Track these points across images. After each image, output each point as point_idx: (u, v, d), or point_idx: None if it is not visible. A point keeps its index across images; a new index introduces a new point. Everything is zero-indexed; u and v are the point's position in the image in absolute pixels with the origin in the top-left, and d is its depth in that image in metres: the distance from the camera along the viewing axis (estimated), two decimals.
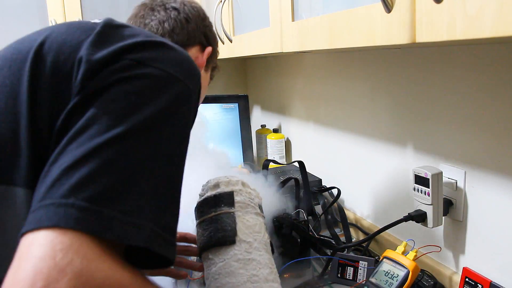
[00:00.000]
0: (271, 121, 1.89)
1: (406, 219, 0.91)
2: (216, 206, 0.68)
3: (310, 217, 1.18)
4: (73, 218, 0.39)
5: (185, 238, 0.85)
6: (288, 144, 1.74)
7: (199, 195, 0.73)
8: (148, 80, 0.48)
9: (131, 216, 0.42)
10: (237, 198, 0.69)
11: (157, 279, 0.58)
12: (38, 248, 0.37)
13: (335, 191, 1.26)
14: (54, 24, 1.56)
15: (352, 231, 1.24)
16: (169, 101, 0.49)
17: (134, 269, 0.44)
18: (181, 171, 0.51)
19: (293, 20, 0.88)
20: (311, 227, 1.09)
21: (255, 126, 1.90)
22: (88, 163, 0.42)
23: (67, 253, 0.37)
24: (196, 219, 0.71)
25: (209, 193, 0.70)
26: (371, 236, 0.97)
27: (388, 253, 0.89)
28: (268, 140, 1.73)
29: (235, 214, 0.67)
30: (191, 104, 0.52)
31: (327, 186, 1.33)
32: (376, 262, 0.94)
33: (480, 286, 0.81)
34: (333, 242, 1.13)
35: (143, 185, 0.44)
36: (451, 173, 0.89)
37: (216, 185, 0.70)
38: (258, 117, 2.06)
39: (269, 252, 0.68)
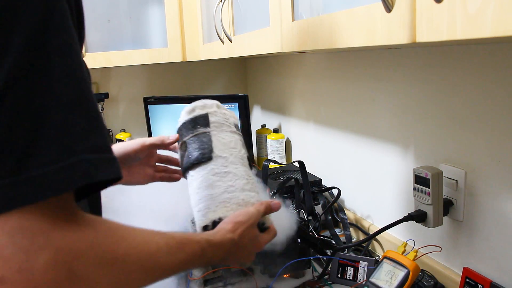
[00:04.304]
0: (271, 121, 1.89)
1: (406, 219, 0.91)
2: (193, 128, 0.74)
3: (310, 217, 1.18)
4: (7, 199, 0.36)
5: (169, 160, 0.88)
6: (288, 144, 1.74)
7: (178, 121, 0.77)
8: None
9: (56, 162, 0.38)
10: (212, 119, 0.74)
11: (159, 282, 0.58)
12: None
13: (335, 191, 1.26)
14: None
15: (352, 231, 1.24)
16: None
17: (91, 219, 0.42)
18: (76, 60, 0.43)
19: (293, 20, 0.88)
20: (311, 227, 1.10)
21: (255, 126, 1.90)
22: None
23: (23, 236, 0.36)
24: (177, 143, 0.78)
25: (186, 118, 0.75)
26: (371, 236, 0.97)
27: (389, 253, 0.89)
28: (268, 140, 1.73)
29: (211, 133, 0.73)
30: None
31: (327, 186, 1.33)
32: (376, 262, 0.94)
33: (480, 286, 0.81)
34: (333, 242, 1.13)
35: (51, 118, 0.38)
36: (451, 173, 0.89)
37: (192, 110, 0.75)
38: (258, 117, 2.06)
39: (245, 165, 0.74)
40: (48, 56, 0.39)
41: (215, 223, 0.67)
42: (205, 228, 0.68)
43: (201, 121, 0.73)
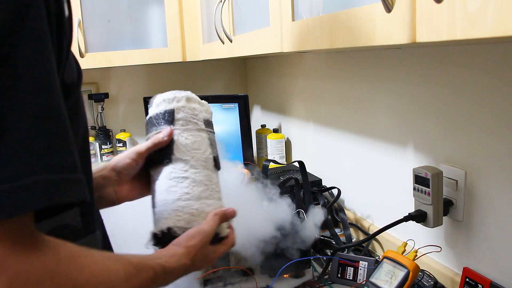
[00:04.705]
0: (271, 121, 1.89)
1: (406, 219, 0.91)
2: (157, 125, 0.69)
3: None
4: None
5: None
6: (288, 144, 1.74)
7: (149, 112, 0.74)
8: None
9: (12, 181, 0.35)
10: (178, 115, 0.69)
11: None
12: None
13: (335, 191, 1.26)
14: None
15: (352, 231, 1.24)
16: None
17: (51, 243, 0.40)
18: (47, 70, 0.39)
19: (293, 20, 0.88)
20: None
21: (255, 126, 1.90)
22: None
23: None
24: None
25: (153, 112, 0.71)
26: (371, 236, 0.97)
27: (389, 253, 0.89)
28: (268, 140, 1.73)
29: (174, 133, 0.68)
30: None
31: (327, 186, 1.33)
32: (376, 262, 0.94)
33: (480, 286, 0.81)
34: (333, 242, 1.13)
35: (12, 133, 0.36)
36: (451, 173, 0.89)
37: (160, 103, 0.71)
38: (258, 117, 2.06)
39: (208, 168, 0.69)
40: (14, 65, 0.36)
41: (164, 234, 0.64)
42: (155, 235, 0.65)
43: (166, 117, 0.69)
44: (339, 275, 0.97)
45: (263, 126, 1.86)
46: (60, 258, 0.40)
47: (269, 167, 1.34)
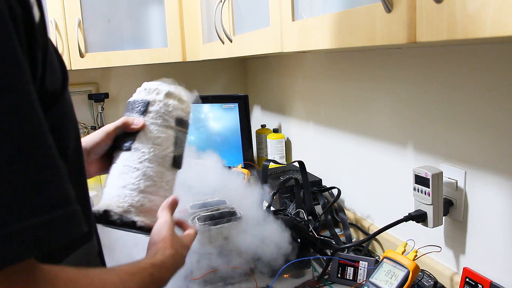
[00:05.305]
0: (271, 121, 1.89)
1: (406, 219, 0.91)
2: (131, 111, 0.72)
3: (310, 217, 1.18)
4: None
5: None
6: (288, 144, 1.74)
7: (133, 95, 0.77)
8: None
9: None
10: (151, 108, 0.71)
11: None
12: None
13: (335, 191, 1.26)
14: (53, 24, 1.56)
15: (352, 231, 1.24)
16: None
17: None
18: (22, 95, 0.35)
19: (293, 20, 0.88)
20: (311, 227, 1.10)
21: (255, 126, 1.90)
22: None
23: None
24: None
25: (133, 97, 0.74)
26: (371, 236, 0.97)
27: (388, 253, 0.89)
28: (268, 140, 1.73)
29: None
30: None
31: (327, 186, 1.33)
32: (376, 262, 0.94)
33: (480, 286, 0.81)
34: (333, 242, 1.13)
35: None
36: (451, 173, 0.89)
37: (142, 91, 0.74)
38: (258, 117, 2.06)
39: (163, 166, 0.70)
40: None
41: (100, 215, 0.65)
42: (94, 214, 0.66)
43: (140, 107, 0.71)
44: (339, 275, 0.97)
45: (263, 126, 1.86)
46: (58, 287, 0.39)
47: (269, 167, 1.34)
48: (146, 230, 0.66)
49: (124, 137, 0.70)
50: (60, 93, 0.44)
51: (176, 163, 0.72)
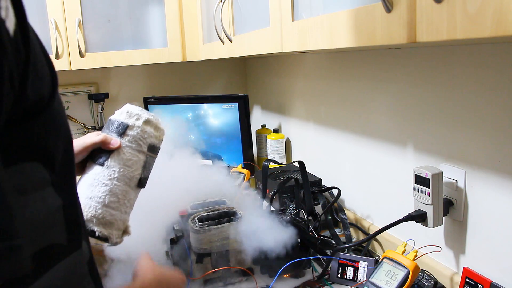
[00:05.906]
0: (271, 121, 1.89)
1: (406, 219, 0.91)
2: (110, 131, 0.77)
3: (310, 217, 1.18)
4: None
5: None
6: (288, 144, 1.74)
7: (115, 113, 0.81)
8: None
9: None
10: (129, 132, 0.76)
11: None
12: None
13: (335, 191, 1.26)
14: (54, 24, 1.56)
15: (352, 231, 1.24)
16: None
17: None
18: None
19: (293, 20, 0.88)
20: (311, 227, 1.10)
21: (255, 126, 1.90)
22: None
23: None
24: None
25: (114, 116, 0.79)
26: (371, 236, 0.97)
27: (388, 253, 0.89)
28: (268, 140, 1.73)
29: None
30: None
31: (327, 186, 1.33)
32: (376, 262, 0.94)
33: (480, 286, 0.81)
34: (333, 242, 1.13)
35: None
36: (451, 173, 0.89)
37: (124, 113, 0.78)
38: (258, 117, 2.06)
39: (129, 186, 0.76)
40: None
41: None
42: None
43: (119, 129, 0.77)
44: (339, 275, 0.97)
45: (263, 126, 1.86)
46: None
47: (269, 167, 1.34)
48: (103, 239, 0.72)
49: (99, 152, 0.76)
50: (49, 99, 0.41)
51: (141, 183, 0.78)
